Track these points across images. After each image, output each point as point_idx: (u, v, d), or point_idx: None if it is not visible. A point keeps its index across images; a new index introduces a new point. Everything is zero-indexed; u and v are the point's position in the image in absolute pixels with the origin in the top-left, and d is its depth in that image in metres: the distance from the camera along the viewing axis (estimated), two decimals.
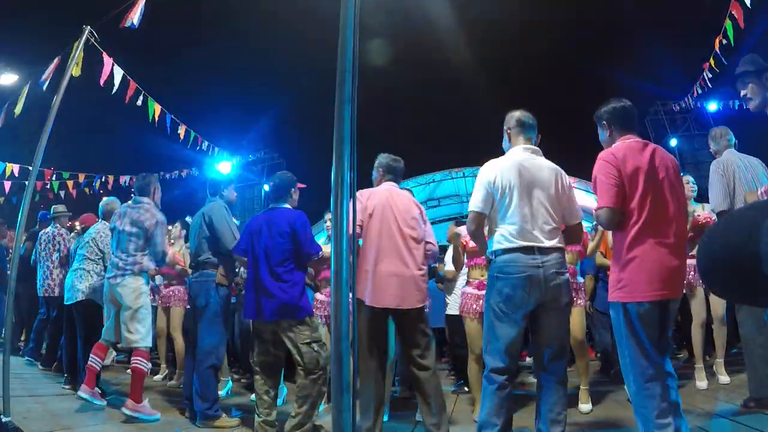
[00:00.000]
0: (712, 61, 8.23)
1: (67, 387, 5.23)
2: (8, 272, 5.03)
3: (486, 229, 3.14)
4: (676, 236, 2.71)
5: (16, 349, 7.07)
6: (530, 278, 2.87)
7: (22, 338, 7.51)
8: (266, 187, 14.88)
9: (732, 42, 7.17)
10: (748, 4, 6.24)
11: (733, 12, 6.73)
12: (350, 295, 1.68)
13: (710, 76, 8.91)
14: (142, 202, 4.63)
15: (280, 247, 3.82)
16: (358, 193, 3.79)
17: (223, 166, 13.14)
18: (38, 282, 6.29)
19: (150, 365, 4.60)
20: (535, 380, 3.20)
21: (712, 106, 13.76)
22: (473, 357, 4.32)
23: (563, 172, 3.14)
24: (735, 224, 0.96)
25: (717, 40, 7.62)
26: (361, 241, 3.69)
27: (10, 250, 8.13)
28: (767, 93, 2.91)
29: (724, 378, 4.49)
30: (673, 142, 15.41)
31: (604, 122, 3.00)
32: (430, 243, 3.75)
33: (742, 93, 3.01)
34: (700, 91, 10.00)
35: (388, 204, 3.68)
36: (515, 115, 3.24)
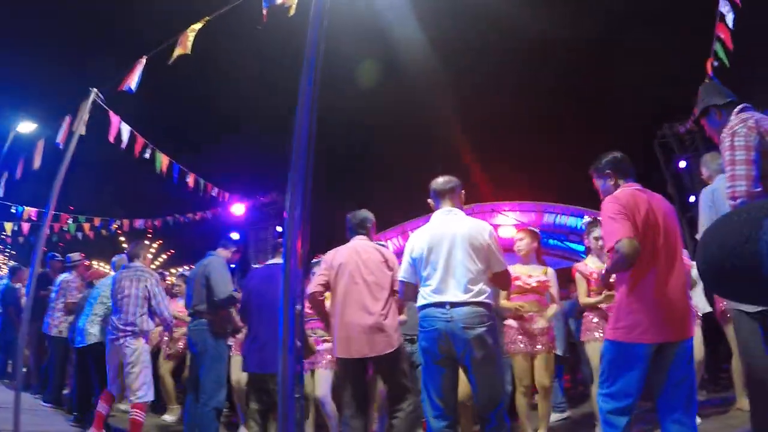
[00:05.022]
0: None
1: (75, 425, 5.50)
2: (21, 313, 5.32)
3: None
4: (677, 279, 2.79)
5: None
6: (438, 331, 3.04)
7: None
8: (279, 229, 15.11)
9: (726, 62, 7.23)
10: (730, 26, 6.36)
11: (720, 34, 6.83)
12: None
13: None
14: (136, 266, 4.93)
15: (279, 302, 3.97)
16: (325, 255, 4.03)
17: (237, 208, 13.39)
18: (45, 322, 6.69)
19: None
20: None
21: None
22: (522, 389, 4.43)
23: (484, 225, 3.37)
24: (734, 224, 0.94)
25: (709, 63, 7.70)
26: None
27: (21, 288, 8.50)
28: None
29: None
30: (682, 164, 15.31)
31: (608, 171, 3.12)
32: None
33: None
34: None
35: (352, 258, 3.83)
36: (431, 185, 3.54)
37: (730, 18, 6.30)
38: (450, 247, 3.19)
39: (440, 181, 3.52)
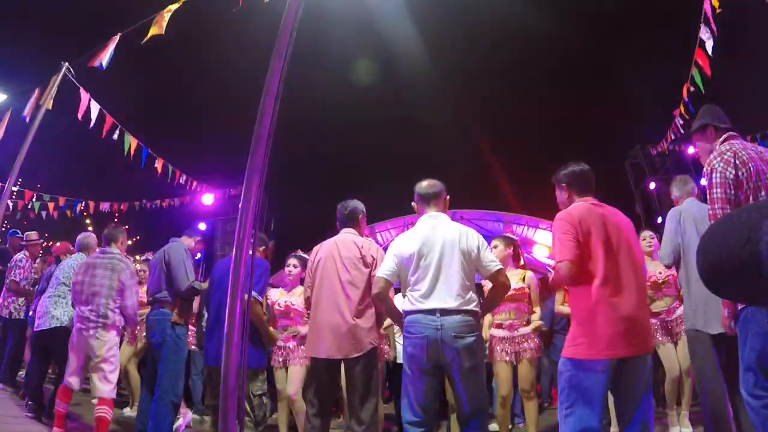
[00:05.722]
0: (682, 108, 8.41)
1: (30, 413, 5.14)
2: None
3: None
4: (636, 293, 2.75)
5: None
6: (427, 338, 2.99)
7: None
8: None
9: (701, 89, 7.35)
10: (710, 52, 6.45)
11: (698, 60, 6.94)
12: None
13: (682, 122, 9.09)
14: (112, 253, 4.66)
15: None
16: (312, 251, 3.91)
17: (205, 199, 13.19)
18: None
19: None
20: None
21: (689, 150, 13.96)
22: (500, 400, 4.38)
23: (470, 231, 3.29)
24: (734, 225, 0.93)
25: (685, 88, 7.83)
26: None
27: None
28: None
29: (687, 430, 4.43)
30: (652, 185, 15.61)
31: (564, 184, 3.09)
32: None
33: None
34: (673, 137, 10.20)
35: (331, 254, 3.70)
36: (416, 189, 3.47)
37: (709, 45, 6.38)
38: (441, 252, 3.13)
39: (425, 185, 3.45)
